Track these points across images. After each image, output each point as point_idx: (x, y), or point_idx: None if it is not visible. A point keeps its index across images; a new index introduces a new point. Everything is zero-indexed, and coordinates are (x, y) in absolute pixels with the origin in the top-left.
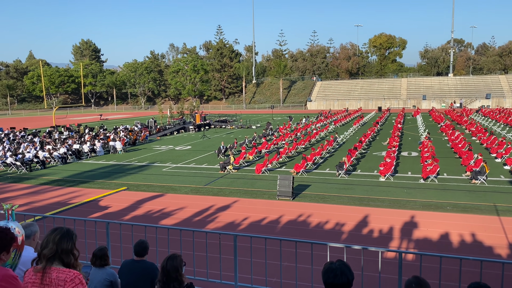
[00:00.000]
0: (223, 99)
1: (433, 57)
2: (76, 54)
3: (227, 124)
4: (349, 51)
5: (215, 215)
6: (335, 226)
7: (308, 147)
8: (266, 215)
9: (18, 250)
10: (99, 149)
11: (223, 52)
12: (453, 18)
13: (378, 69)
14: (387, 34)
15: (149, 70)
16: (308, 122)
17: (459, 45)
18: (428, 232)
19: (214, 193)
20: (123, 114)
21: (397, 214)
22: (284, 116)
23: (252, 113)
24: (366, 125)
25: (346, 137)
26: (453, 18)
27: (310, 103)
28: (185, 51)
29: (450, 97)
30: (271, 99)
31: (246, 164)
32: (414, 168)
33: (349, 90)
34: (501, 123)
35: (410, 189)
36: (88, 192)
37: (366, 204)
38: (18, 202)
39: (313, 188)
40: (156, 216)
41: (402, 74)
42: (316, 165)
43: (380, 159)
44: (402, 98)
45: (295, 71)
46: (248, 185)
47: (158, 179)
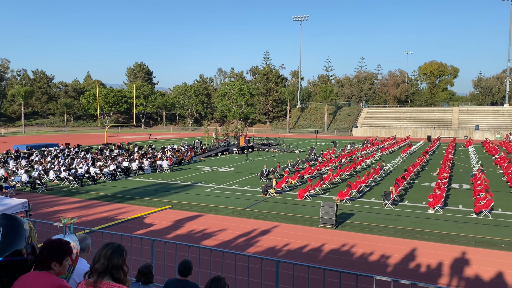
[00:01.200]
0: (267, 123)
1: (487, 86)
2: (130, 76)
3: (270, 147)
4: (397, 78)
5: (256, 238)
6: (380, 258)
7: (353, 175)
8: (308, 243)
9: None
10: (146, 167)
11: (269, 77)
12: (510, 46)
13: (428, 97)
14: (438, 62)
15: (198, 93)
16: (353, 149)
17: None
18: (481, 271)
19: (255, 216)
20: (171, 135)
21: (447, 249)
22: (328, 142)
23: (295, 138)
24: (414, 154)
25: (393, 166)
26: (509, 46)
27: (356, 129)
28: (232, 75)
29: (506, 129)
30: (315, 124)
31: (288, 188)
32: (465, 202)
33: (397, 118)
34: None
35: (461, 223)
36: (134, 209)
37: (413, 237)
38: (68, 215)
39: (357, 217)
40: (198, 236)
41: (454, 103)
42: (361, 194)
43: (429, 190)
44: (453, 128)
45: (341, 97)
46: (290, 210)
47: (201, 199)
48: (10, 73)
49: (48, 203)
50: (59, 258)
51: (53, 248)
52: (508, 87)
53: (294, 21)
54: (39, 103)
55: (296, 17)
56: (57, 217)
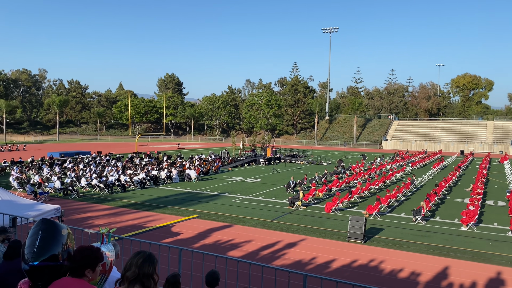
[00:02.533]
0: (294, 134)
1: None
2: (161, 87)
3: (297, 159)
4: (429, 90)
5: (283, 251)
6: (410, 275)
7: (382, 188)
8: (336, 257)
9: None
10: (175, 176)
11: (297, 88)
12: None
13: (461, 111)
14: (471, 75)
15: (226, 104)
16: (383, 162)
17: None
18: None
19: (281, 228)
20: (199, 144)
21: (481, 269)
22: (357, 154)
23: (323, 150)
24: (446, 169)
25: (424, 180)
26: None
27: (386, 142)
28: (260, 87)
29: None
30: (343, 136)
31: (316, 201)
32: (501, 219)
33: (428, 131)
34: None
35: (496, 241)
36: (162, 217)
37: (445, 255)
38: (99, 222)
39: (386, 233)
40: (224, 247)
41: (488, 117)
42: (390, 208)
43: (462, 206)
44: (487, 142)
45: (370, 109)
46: (317, 224)
47: (228, 209)
48: (47, 83)
49: (80, 210)
50: (92, 265)
51: (87, 255)
52: None
53: (323, 33)
54: (73, 112)
55: (326, 29)
56: (88, 224)
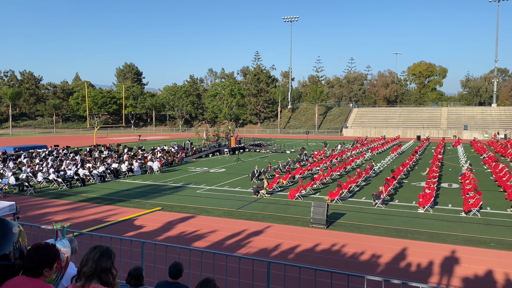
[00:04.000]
0: (258, 123)
1: (475, 87)
2: (119, 77)
3: (262, 148)
4: (387, 78)
5: (248, 239)
6: (371, 257)
7: (343, 174)
8: (299, 243)
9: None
10: (136, 168)
11: (260, 78)
12: (497, 47)
13: (417, 97)
14: (427, 62)
15: (188, 94)
16: (343, 149)
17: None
18: (470, 269)
19: (246, 217)
20: (161, 136)
21: (437, 248)
22: (319, 142)
23: (286, 138)
24: (404, 154)
25: (383, 166)
26: (496, 47)
27: (346, 129)
28: (223, 76)
29: (494, 128)
30: (306, 125)
31: (280, 189)
32: (455, 201)
33: (386, 118)
34: None
35: (450, 222)
36: (124, 210)
37: (404, 236)
38: (57, 218)
39: (348, 217)
40: (189, 238)
41: (442, 103)
42: (351, 193)
43: (419, 189)
44: (442, 128)
45: (331, 97)
46: (281, 211)
47: (192, 200)
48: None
49: (37, 206)
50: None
51: (45, 254)
52: (495, 87)
53: (284, 21)
54: (27, 105)
55: (286, 18)
56: (46, 220)
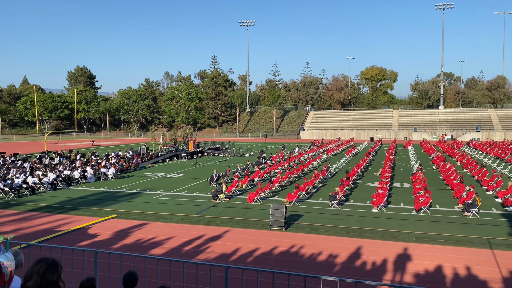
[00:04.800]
0: (216, 127)
1: (423, 90)
2: (71, 80)
3: (220, 152)
4: (341, 82)
5: (206, 245)
6: (328, 257)
7: (301, 176)
8: (258, 246)
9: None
10: (90, 175)
11: (218, 81)
12: (443, 52)
13: (370, 101)
14: (378, 67)
15: (143, 97)
16: (301, 151)
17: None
18: (422, 265)
19: (205, 222)
20: (116, 141)
21: (390, 246)
22: (277, 145)
23: (245, 141)
24: (358, 155)
25: (338, 167)
26: (442, 53)
27: (303, 132)
28: (179, 79)
29: (441, 129)
30: (264, 128)
31: (239, 192)
32: (406, 200)
33: (341, 121)
34: (491, 156)
35: (403, 220)
36: (77, 219)
37: (359, 236)
38: (4, 229)
39: (305, 218)
40: (145, 245)
41: (394, 106)
42: (309, 195)
43: (373, 189)
44: (393, 129)
45: (288, 101)
46: (240, 214)
47: (149, 207)
48: None
49: None
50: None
51: None
52: (442, 90)
53: (240, 25)
54: None
55: (243, 22)
56: None
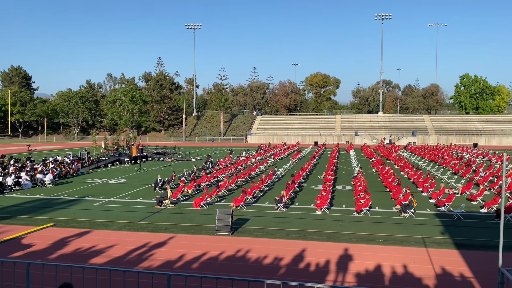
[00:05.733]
0: (162, 131)
1: (364, 96)
2: (4, 81)
3: (166, 156)
4: (287, 88)
5: (150, 252)
6: (273, 260)
7: (248, 180)
8: (204, 251)
9: None
10: (24, 182)
11: (163, 84)
12: (382, 61)
13: (315, 106)
14: (322, 73)
15: (84, 100)
16: (248, 155)
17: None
18: (362, 265)
19: (149, 229)
20: (54, 145)
21: (333, 247)
22: (225, 149)
23: (192, 146)
24: (303, 159)
25: (284, 171)
26: (381, 61)
27: (251, 136)
28: (123, 81)
29: (380, 134)
30: (211, 132)
31: (185, 198)
32: (348, 202)
33: (287, 125)
34: (425, 159)
35: (345, 222)
36: (9, 229)
37: (303, 238)
38: None
39: (252, 222)
40: (85, 255)
41: (337, 111)
42: (255, 199)
43: (317, 192)
44: (336, 134)
45: (236, 105)
46: (186, 220)
47: (89, 214)
48: None
49: None
50: None
51: None
52: (381, 97)
53: (187, 28)
54: None
55: (189, 25)
56: None
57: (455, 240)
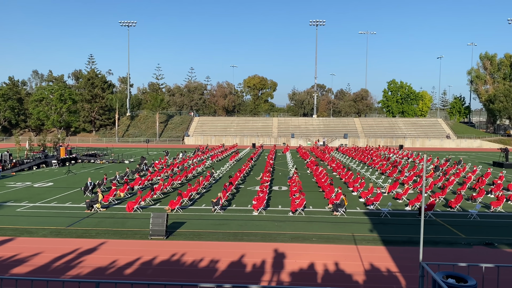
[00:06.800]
0: (93, 132)
1: (300, 100)
2: None
3: (97, 158)
4: (225, 89)
5: (79, 259)
6: (209, 263)
7: (184, 183)
8: (138, 257)
9: None
10: None
11: (95, 82)
12: (316, 65)
13: (252, 108)
14: (260, 76)
15: (7, 98)
16: (185, 157)
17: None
18: (297, 264)
19: (78, 235)
20: None
21: (269, 248)
22: (160, 151)
23: (125, 147)
24: (241, 161)
25: (222, 172)
26: (316, 66)
27: (188, 138)
28: (51, 79)
29: (315, 136)
30: (146, 133)
31: (117, 202)
32: (284, 202)
33: (225, 127)
34: (356, 160)
35: (280, 222)
36: None
37: (240, 239)
38: None
39: (188, 225)
40: (6, 264)
41: (274, 114)
42: (192, 201)
43: (254, 193)
44: (273, 136)
45: (172, 106)
46: (118, 225)
47: (11, 220)
48: None
49: None
50: None
51: None
52: (315, 100)
53: (121, 25)
54: None
55: (123, 22)
56: None
57: (382, 237)
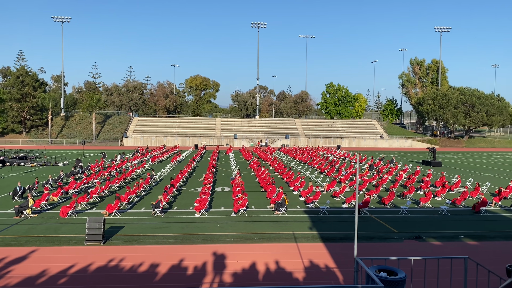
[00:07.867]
0: (23, 133)
1: (242, 101)
2: None
3: (27, 161)
4: (166, 89)
5: (7, 269)
6: (149, 268)
7: (123, 186)
8: (72, 264)
9: None
10: None
11: (25, 80)
12: (258, 67)
13: (195, 108)
14: (202, 76)
15: None
16: (123, 159)
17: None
18: (238, 264)
19: (6, 243)
20: None
21: (211, 249)
22: (97, 153)
23: (59, 149)
24: (183, 162)
25: (163, 174)
26: (258, 67)
27: (127, 139)
28: None
29: (257, 137)
30: (82, 134)
31: (49, 206)
32: (227, 203)
33: (166, 127)
34: (297, 160)
35: (223, 223)
36: None
37: (181, 242)
38: None
39: (127, 230)
40: None
41: (217, 114)
42: (131, 205)
43: (196, 195)
44: (216, 137)
45: (110, 105)
46: (51, 231)
47: None
48: None
49: None
50: None
51: None
52: (258, 101)
53: (54, 21)
54: None
55: (56, 18)
56: None
57: (321, 234)
